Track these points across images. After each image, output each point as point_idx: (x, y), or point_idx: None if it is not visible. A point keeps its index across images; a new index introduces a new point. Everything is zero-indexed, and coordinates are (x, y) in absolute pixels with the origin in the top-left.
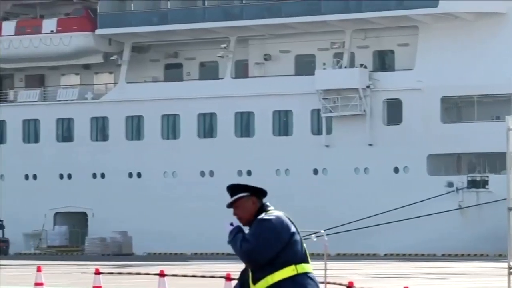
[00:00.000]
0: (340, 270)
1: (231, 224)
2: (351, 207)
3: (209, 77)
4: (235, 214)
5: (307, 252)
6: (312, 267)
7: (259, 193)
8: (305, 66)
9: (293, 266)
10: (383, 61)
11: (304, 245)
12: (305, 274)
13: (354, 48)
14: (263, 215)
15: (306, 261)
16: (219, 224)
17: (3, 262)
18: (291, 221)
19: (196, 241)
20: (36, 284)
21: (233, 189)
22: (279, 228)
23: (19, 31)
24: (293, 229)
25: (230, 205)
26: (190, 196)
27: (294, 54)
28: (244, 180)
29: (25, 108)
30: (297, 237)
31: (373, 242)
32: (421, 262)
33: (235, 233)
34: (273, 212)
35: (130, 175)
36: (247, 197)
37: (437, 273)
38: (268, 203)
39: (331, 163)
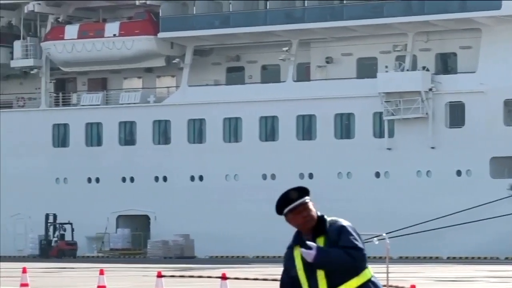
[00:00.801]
0: (402, 274)
1: (306, 247)
2: (413, 210)
3: (271, 80)
4: (294, 220)
5: None
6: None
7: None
8: (367, 69)
9: (368, 269)
10: (446, 64)
11: None
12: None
13: (417, 51)
14: (334, 222)
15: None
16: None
17: (67, 265)
18: None
19: (258, 244)
20: (99, 287)
21: (299, 190)
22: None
23: (82, 35)
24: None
25: (291, 210)
26: (252, 199)
27: (356, 57)
28: (306, 184)
29: (88, 112)
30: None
31: (435, 245)
32: (484, 265)
33: (322, 250)
34: (337, 218)
35: (192, 178)
36: (309, 201)
37: (500, 277)
38: None
39: (393, 166)
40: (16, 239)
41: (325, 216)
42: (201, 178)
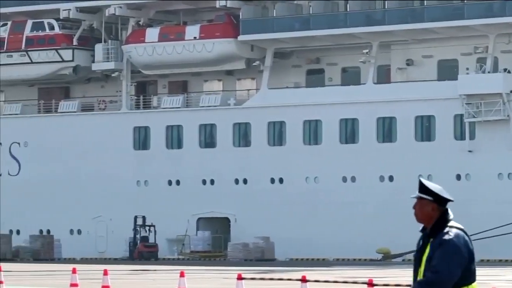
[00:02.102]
0: (483, 276)
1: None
2: (494, 213)
3: (351, 83)
4: (414, 207)
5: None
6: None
7: (442, 201)
8: (447, 71)
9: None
10: None
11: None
12: None
13: (498, 53)
14: (446, 233)
15: (474, 279)
16: (361, 230)
17: (148, 267)
18: (469, 238)
19: (338, 247)
20: None
21: (420, 186)
22: (463, 251)
23: (162, 37)
24: (470, 246)
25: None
26: (332, 202)
27: (437, 59)
28: (387, 186)
29: (168, 114)
30: (473, 255)
31: None
32: None
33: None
34: (452, 230)
35: (272, 180)
36: (428, 201)
37: None
38: (450, 212)
39: (474, 168)
40: (97, 241)
41: (450, 218)
42: (281, 180)
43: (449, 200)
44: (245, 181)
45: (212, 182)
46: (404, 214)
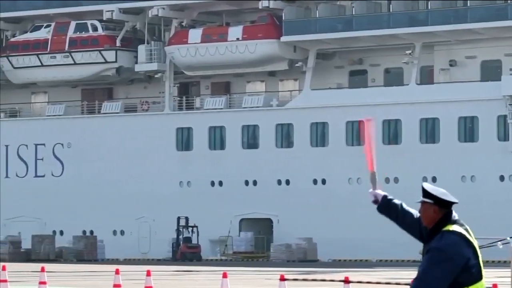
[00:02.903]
0: None
1: None
2: None
3: (394, 84)
4: (419, 211)
5: (483, 270)
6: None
7: (443, 204)
8: (491, 71)
9: None
10: None
11: (481, 263)
12: None
13: None
14: (438, 238)
15: (480, 279)
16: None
17: (191, 268)
18: (469, 240)
19: (381, 248)
20: None
21: (422, 191)
22: (454, 258)
23: (205, 38)
24: (467, 254)
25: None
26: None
27: (480, 60)
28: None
29: (211, 115)
30: (473, 261)
31: None
32: None
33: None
34: (445, 235)
35: (315, 181)
36: (429, 204)
37: None
38: (454, 213)
39: None
40: (140, 242)
41: (453, 219)
42: (323, 181)
43: (452, 203)
44: (287, 182)
45: (254, 183)
46: None
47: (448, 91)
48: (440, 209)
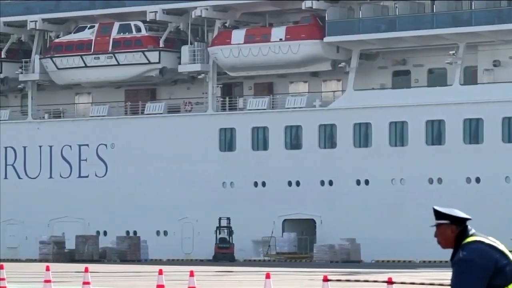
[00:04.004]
0: None
1: None
2: None
3: (437, 84)
4: (435, 236)
5: None
6: None
7: (459, 222)
8: None
9: None
10: None
11: None
12: None
13: None
14: (458, 252)
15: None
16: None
17: (234, 268)
18: (492, 245)
19: (424, 249)
20: None
21: (436, 213)
22: (479, 263)
23: (248, 39)
24: (493, 256)
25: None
26: (418, 204)
27: None
28: (473, 189)
29: (254, 116)
30: (502, 262)
31: None
32: None
33: None
34: (465, 247)
35: (358, 182)
36: (446, 225)
37: None
38: (469, 227)
39: None
40: (184, 243)
41: (470, 233)
42: (367, 182)
43: (466, 219)
44: (330, 183)
45: (297, 183)
46: (491, 215)
47: (492, 92)
48: (457, 227)
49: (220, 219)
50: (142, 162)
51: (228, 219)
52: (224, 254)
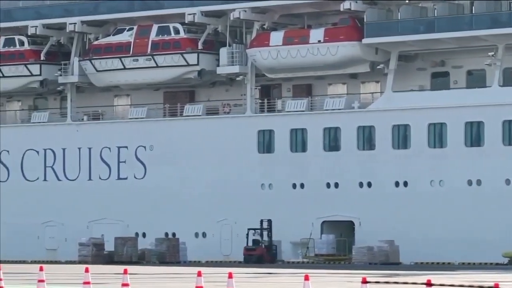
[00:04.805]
0: None
1: None
2: None
3: (476, 85)
4: None
5: None
6: None
7: None
8: None
9: None
10: None
11: None
12: None
13: None
14: None
15: None
16: (487, 233)
17: (273, 270)
18: None
19: (463, 250)
20: None
21: None
22: None
23: (286, 41)
24: None
25: None
26: (457, 205)
27: None
28: (511, 189)
29: (292, 118)
30: None
31: None
32: None
33: None
34: None
35: (397, 184)
36: None
37: None
38: None
39: None
40: (222, 244)
41: None
42: (405, 183)
43: None
44: (369, 184)
45: (336, 185)
46: None
47: None
48: None
49: (262, 221)
50: (180, 164)
51: (269, 221)
52: (250, 256)
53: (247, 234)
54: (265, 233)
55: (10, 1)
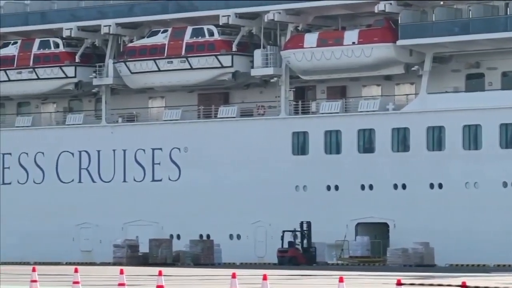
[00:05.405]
0: None
1: None
2: None
3: (511, 87)
4: None
5: None
6: None
7: None
8: None
9: None
10: None
11: None
12: None
13: None
14: None
15: None
16: None
17: (307, 272)
18: None
19: (499, 253)
20: None
21: None
22: None
23: (321, 43)
24: None
25: None
26: (492, 207)
27: None
28: None
29: (327, 119)
30: None
31: None
32: None
33: None
34: None
35: (432, 185)
36: None
37: None
38: None
39: None
40: (257, 246)
41: None
42: (440, 185)
43: None
44: (404, 186)
45: (370, 187)
46: None
47: None
48: None
49: (302, 223)
50: (215, 165)
51: (308, 223)
52: (283, 258)
53: (282, 236)
54: (302, 234)
55: (45, 2)
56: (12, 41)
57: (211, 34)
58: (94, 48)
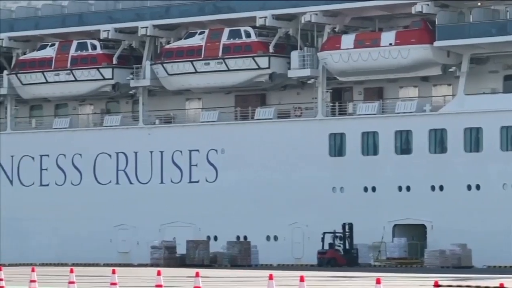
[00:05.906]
0: None
1: None
2: None
3: None
4: None
5: None
6: None
7: None
8: None
9: None
10: None
11: None
12: None
13: None
14: None
15: None
16: None
17: (345, 274)
18: None
19: None
20: None
21: None
22: None
23: (358, 44)
24: None
25: None
26: None
27: None
28: None
29: (364, 121)
30: None
31: None
32: None
33: None
34: None
35: (469, 187)
36: None
37: None
38: None
39: None
40: (294, 248)
41: None
42: (477, 187)
43: None
44: (441, 188)
45: (408, 188)
46: None
47: None
48: None
49: (344, 224)
50: (252, 167)
51: (350, 224)
52: (322, 259)
53: (323, 238)
54: (344, 236)
55: (82, 4)
56: (49, 43)
57: (248, 35)
58: (131, 49)
